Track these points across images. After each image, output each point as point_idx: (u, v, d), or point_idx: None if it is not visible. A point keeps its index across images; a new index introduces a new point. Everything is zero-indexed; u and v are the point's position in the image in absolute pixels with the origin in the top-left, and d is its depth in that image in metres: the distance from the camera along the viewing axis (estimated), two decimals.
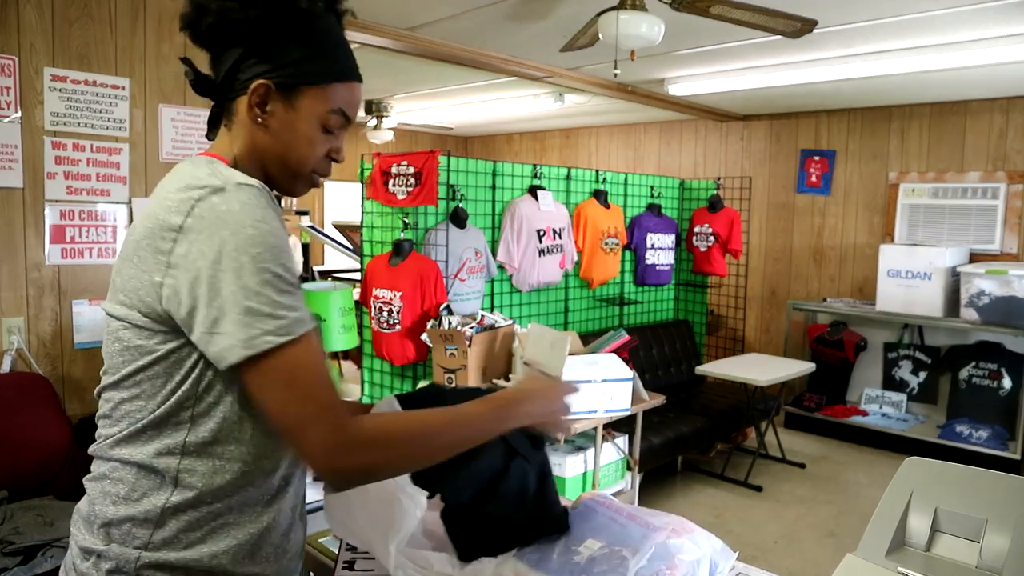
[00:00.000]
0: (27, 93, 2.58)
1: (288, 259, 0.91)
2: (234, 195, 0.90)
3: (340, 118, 1.03)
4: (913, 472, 1.25)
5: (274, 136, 1.01)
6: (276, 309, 0.87)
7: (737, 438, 4.81)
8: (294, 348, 0.88)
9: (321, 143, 1.03)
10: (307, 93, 1.00)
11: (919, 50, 3.76)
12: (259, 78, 0.97)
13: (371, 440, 0.92)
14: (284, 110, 1.00)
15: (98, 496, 0.97)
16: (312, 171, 1.05)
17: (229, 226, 0.87)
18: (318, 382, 0.90)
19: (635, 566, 1.25)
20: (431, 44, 3.81)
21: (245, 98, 0.99)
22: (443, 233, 3.46)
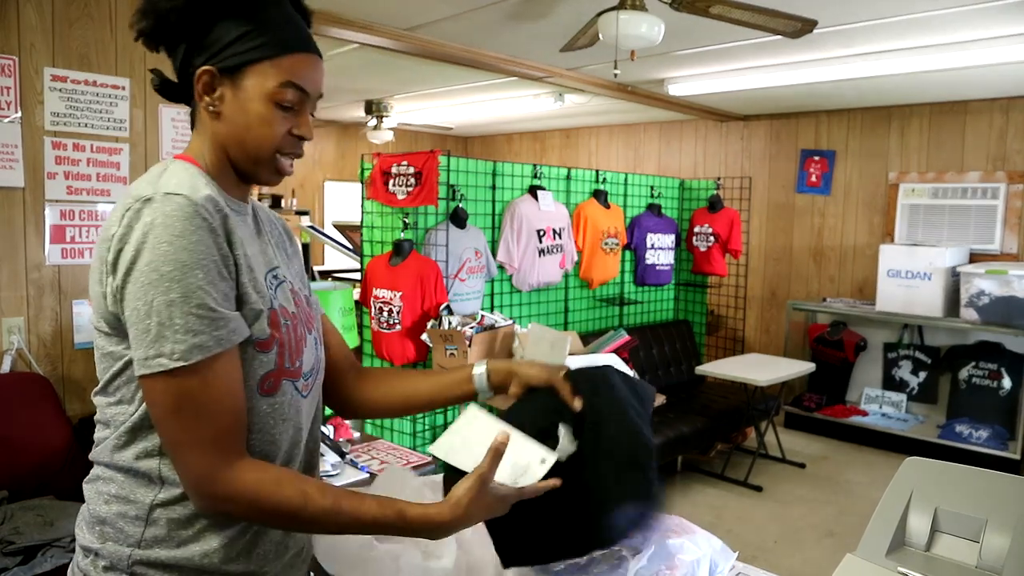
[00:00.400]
0: (27, 93, 2.58)
1: (207, 278, 0.88)
2: (159, 207, 0.87)
3: (294, 91, 0.98)
4: (913, 472, 1.25)
5: (228, 123, 0.98)
6: (175, 332, 0.85)
7: (737, 438, 4.81)
8: (187, 375, 0.86)
9: (279, 121, 0.99)
10: (252, 72, 0.96)
11: (919, 50, 3.76)
12: (202, 66, 0.96)
13: (236, 497, 0.90)
14: (233, 94, 0.97)
15: (93, 496, 0.99)
16: (275, 153, 1.01)
17: (149, 240, 0.86)
18: (206, 414, 0.88)
19: (635, 566, 1.25)
20: (431, 44, 3.81)
21: (196, 89, 0.98)
22: (443, 233, 3.46)
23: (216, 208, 0.91)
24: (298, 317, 1.05)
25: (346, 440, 2.35)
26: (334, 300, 2.86)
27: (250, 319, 0.94)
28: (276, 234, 1.15)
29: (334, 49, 4.14)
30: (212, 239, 0.89)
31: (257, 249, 1.03)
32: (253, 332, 0.95)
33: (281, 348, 0.98)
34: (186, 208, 0.87)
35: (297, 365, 1.02)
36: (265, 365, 0.96)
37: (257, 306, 0.96)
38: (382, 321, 3.42)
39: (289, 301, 1.04)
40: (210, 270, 0.88)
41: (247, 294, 0.95)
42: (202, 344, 0.87)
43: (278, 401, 0.99)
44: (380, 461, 2.20)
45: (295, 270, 1.15)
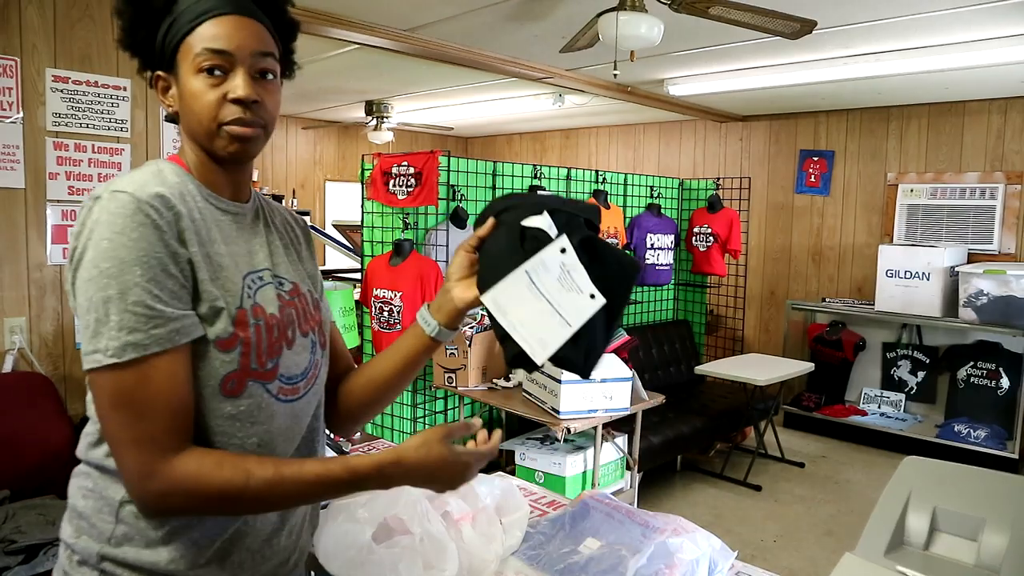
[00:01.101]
0: (29, 94, 2.58)
1: (147, 275, 0.87)
2: (105, 204, 0.88)
3: (211, 55, 0.95)
4: (912, 471, 1.26)
5: (181, 114, 1.00)
6: (111, 329, 0.85)
7: (736, 438, 4.82)
8: (122, 372, 0.86)
9: (208, 90, 0.95)
10: (179, 56, 0.97)
11: (918, 51, 3.77)
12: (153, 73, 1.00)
13: (174, 491, 0.87)
14: (177, 86, 0.99)
15: (74, 491, 0.99)
16: (218, 124, 0.96)
17: (93, 236, 0.87)
18: (141, 413, 0.87)
19: (635, 565, 1.26)
20: (431, 45, 3.81)
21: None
22: (443, 233, 3.47)
23: (166, 205, 0.90)
24: (280, 319, 1.01)
25: (346, 440, 2.36)
26: (334, 300, 2.86)
27: (208, 317, 0.92)
28: (289, 235, 1.15)
29: (334, 50, 4.15)
30: (156, 236, 0.88)
31: (242, 248, 1.02)
32: (212, 331, 0.92)
33: (246, 348, 0.95)
34: (128, 205, 0.87)
35: (269, 366, 0.98)
36: (227, 365, 0.93)
37: (217, 304, 0.93)
38: (382, 321, 3.42)
39: (272, 303, 1.01)
40: (151, 267, 0.87)
41: (206, 292, 0.93)
42: (137, 342, 0.86)
43: (243, 403, 0.96)
44: None
45: (304, 272, 1.13)
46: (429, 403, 3.66)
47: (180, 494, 0.87)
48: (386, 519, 1.30)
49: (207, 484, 0.87)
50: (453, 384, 3.33)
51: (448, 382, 3.35)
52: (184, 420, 0.90)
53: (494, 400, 3.23)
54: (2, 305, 2.58)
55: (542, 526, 1.50)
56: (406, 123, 6.84)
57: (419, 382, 3.61)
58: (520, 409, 3.08)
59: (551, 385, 2.97)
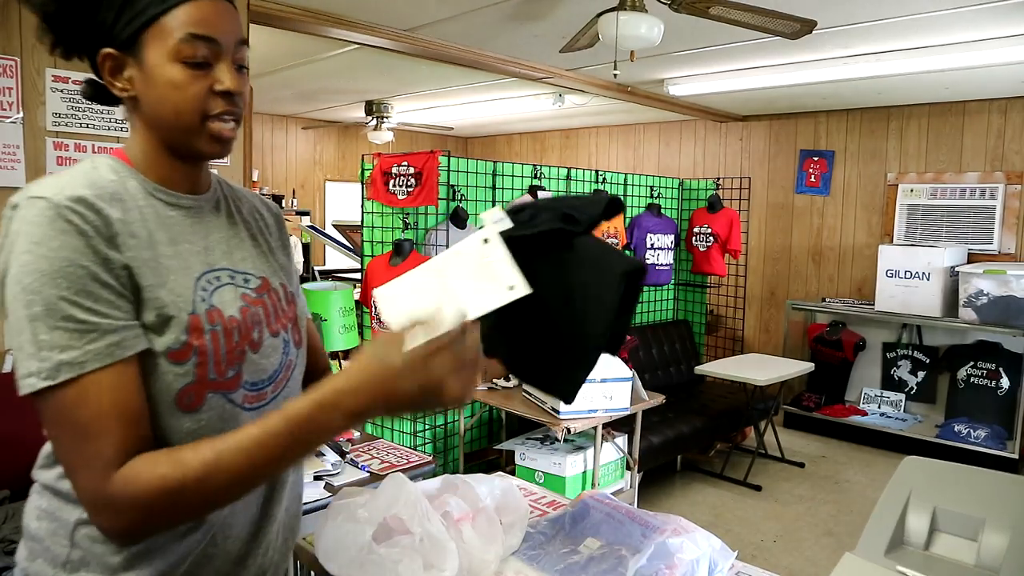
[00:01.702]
0: (29, 94, 2.58)
1: (74, 287, 0.78)
2: (23, 212, 0.80)
3: (197, 44, 0.86)
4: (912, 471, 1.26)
5: (145, 104, 0.89)
6: (40, 349, 0.77)
7: (736, 438, 4.82)
8: (60, 394, 0.78)
9: (192, 81, 0.87)
10: (146, 39, 0.86)
11: (918, 51, 3.77)
12: (99, 51, 0.88)
13: (124, 505, 0.79)
14: (138, 70, 0.88)
15: (29, 510, 0.93)
16: (203, 118, 0.89)
17: (14, 250, 0.79)
18: (87, 435, 0.79)
19: (635, 565, 1.26)
20: (431, 45, 3.81)
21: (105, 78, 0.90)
22: (443, 233, 3.47)
23: (90, 208, 0.81)
24: (242, 321, 0.93)
25: (346, 440, 2.36)
26: (334, 300, 2.86)
27: (156, 326, 0.84)
28: (258, 224, 1.06)
29: (334, 49, 4.15)
30: (82, 242, 0.79)
31: (196, 246, 0.93)
32: (162, 341, 0.84)
33: (202, 358, 0.87)
34: (46, 212, 0.79)
35: (230, 375, 0.90)
36: (182, 378, 0.86)
37: (165, 311, 0.85)
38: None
39: (233, 304, 0.93)
40: (79, 277, 0.79)
41: (152, 299, 0.85)
42: (71, 360, 0.78)
43: (204, 418, 0.88)
44: (380, 460, 2.21)
45: (276, 264, 1.05)
46: None
47: (128, 508, 0.79)
48: (386, 519, 1.30)
49: (145, 487, 0.78)
50: None
51: None
52: (136, 434, 0.81)
53: (494, 400, 3.23)
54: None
55: (542, 526, 1.50)
56: (406, 123, 6.84)
57: None
58: (520, 409, 3.08)
59: None
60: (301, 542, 1.48)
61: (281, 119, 7.19)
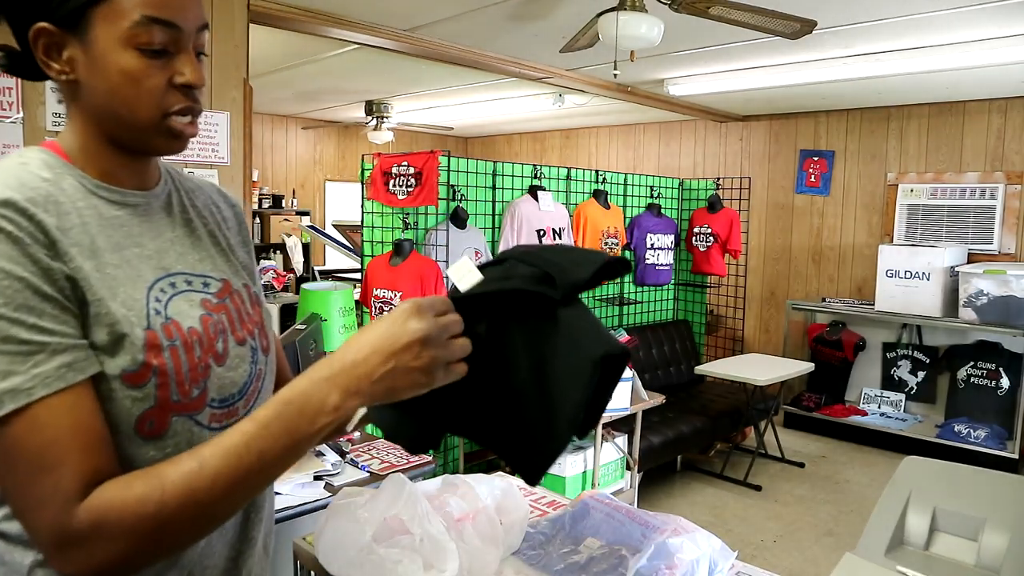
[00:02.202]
0: (29, 94, 2.58)
1: (12, 303, 0.68)
2: None
3: (155, 28, 0.75)
4: (912, 471, 1.26)
5: (89, 91, 0.77)
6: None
7: (736, 438, 4.82)
8: (6, 427, 0.67)
9: (150, 72, 0.76)
10: (96, 16, 0.74)
11: (918, 51, 3.77)
12: (32, 25, 0.75)
13: (94, 537, 0.68)
14: (83, 51, 0.75)
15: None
16: (162, 113, 0.78)
17: None
18: (36, 463, 0.68)
19: (635, 565, 1.26)
20: (431, 45, 3.81)
21: (36, 55, 0.77)
22: (443, 233, 3.47)
23: (22, 213, 0.71)
24: (203, 332, 0.83)
25: (346, 440, 2.36)
26: (334, 300, 2.86)
27: (108, 347, 0.74)
28: (215, 218, 0.95)
29: (335, 50, 4.15)
30: (16, 250, 0.69)
31: (148, 249, 0.83)
32: (116, 363, 0.74)
33: (163, 379, 0.77)
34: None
35: (195, 394, 0.80)
36: (141, 402, 0.75)
37: (117, 328, 0.74)
38: None
39: (191, 312, 0.83)
40: (16, 292, 0.68)
41: (100, 314, 0.74)
42: (16, 387, 0.67)
43: (169, 444, 0.78)
44: (380, 461, 2.20)
45: (236, 263, 0.95)
46: None
47: (102, 542, 0.68)
48: (386, 519, 1.30)
49: (119, 514, 0.68)
50: None
51: None
52: (100, 458, 0.71)
53: None
54: None
55: (542, 526, 1.50)
56: (406, 123, 6.84)
57: None
58: None
59: None
60: (301, 542, 1.48)
61: (281, 119, 7.19)
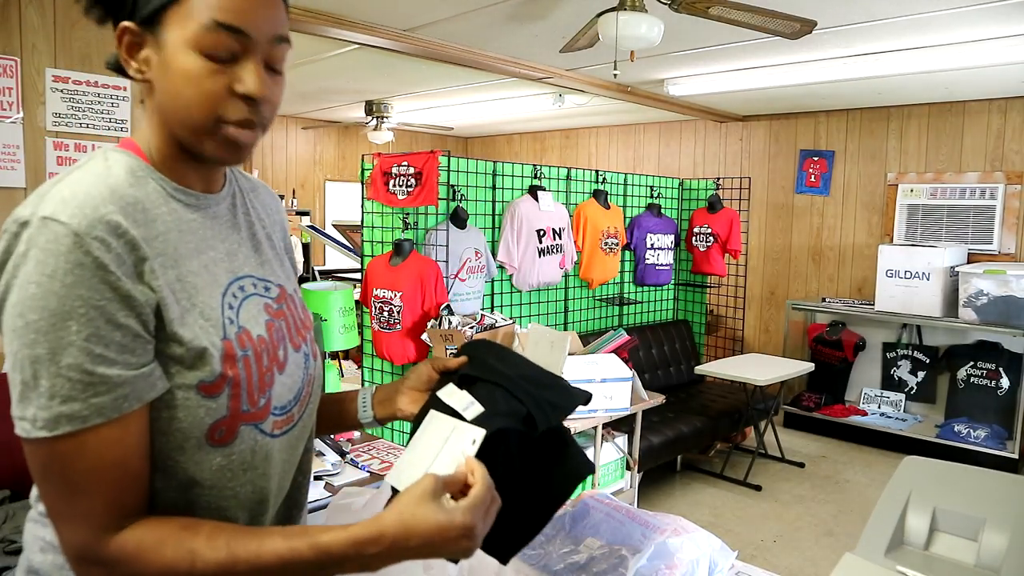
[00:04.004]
0: (29, 94, 2.58)
1: (86, 331, 0.69)
2: (34, 235, 0.69)
3: (223, 35, 0.74)
4: (912, 471, 1.26)
5: (160, 89, 0.77)
6: (39, 396, 0.69)
7: (736, 438, 4.82)
8: (53, 444, 0.70)
9: (209, 77, 0.75)
10: (169, 18, 0.75)
11: (918, 51, 3.77)
12: (119, 24, 0.77)
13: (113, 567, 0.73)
14: (157, 52, 0.76)
15: (29, 540, 0.85)
16: (217, 119, 0.77)
17: (19, 276, 0.69)
18: (79, 490, 0.72)
19: (635, 565, 1.26)
20: (431, 45, 3.81)
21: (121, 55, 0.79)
22: (443, 233, 3.47)
23: (116, 232, 0.71)
24: (269, 340, 0.85)
25: (346, 440, 2.36)
26: (334, 300, 2.86)
27: (186, 359, 0.76)
28: (268, 221, 0.95)
29: (334, 50, 4.15)
30: (99, 278, 0.69)
31: (221, 253, 0.84)
32: (194, 375, 0.76)
33: (236, 389, 0.79)
34: (63, 240, 0.68)
35: (261, 404, 0.82)
36: (215, 412, 0.78)
37: (198, 343, 0.76)
38: (382, 321, 3.42)
39: (259, 319, 0.84)
40: (91, 320, 0.69)
41: (177, 332, 0.75)
42: (73, 414, 0.69)
43: (235, 451, 0.81)
44: (380, 461, 2.21)
45: (288, 268, 0.96)
46: None
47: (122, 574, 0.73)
48: None
49: (144, 568, 0.72)
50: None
51: None
52: (131, 494, 0.75)
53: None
54: None
55: None
56: (406, 123, 6.84)
57: None
58: None
59: None
60: None
61: (281, 119, 7.19)
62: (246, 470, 0.83)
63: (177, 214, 0.79)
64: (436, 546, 0.75)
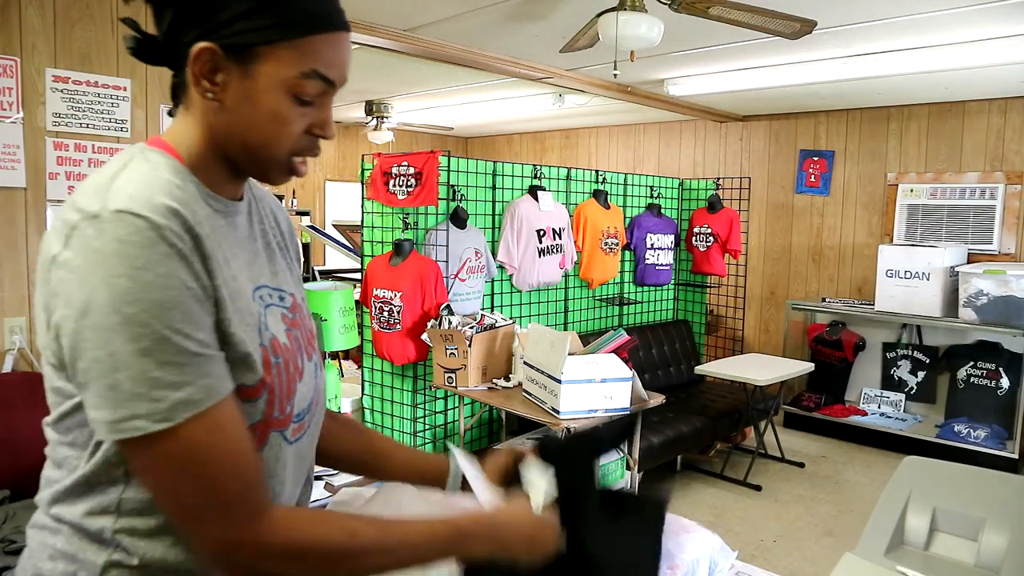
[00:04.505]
0: (29, 94, 2.58)
1: (185, 317, 0.70)
2: (111, 228, 0.68)
3: (317, 82, 0.78)
4: (912, 471, 1.26)
5: (231, 114, 0.78)
6: (152, 388, 0.68)
7: (736, 438, 4.82)
8: (177, 435, 0.70)
9: (296, 118, 0.79)
10: (266, 55, 0.76)
11: (918, 50, 3.77)
12: (201, 40, 0.75)
13: (282, 550, 0.74)
14: (240, 79, 0.76)
15: (36, 548, 0.81)
16: (290, 153, 0.81)
17: (100, 271, 0.67)
18: (217, 470, 0.72)
19: None
20: (431, 45, 3.81)
21: (189, 68, 0.77)
22: (443, 233, 3.47)
23: (185, 227, 0.72)
24: (291, 348, 0.86)
25: None
26: (334, 300, 2.86)
27: (234, 362, 0.77)
28: (275, 232, 0.95)
29: None
30: (185, 268, 0.71)
31: (243, 261, 0.84)
32: (241, 378, 0.77)
33: (271, 395, 0.81)
34: (146, 232, 0.69)
35: (288, 411, 0.84)
36: (251, 416, 0.79)
37: (243, 347, 0.77)
38: (382, 321, 3.42)
39: (280, 328, 0.86)
40: (187, 307, 0.70)
41: (232, 333, 0.76)
42: (189, 398, 0.70)
43: (263, 457, 0.82)
44: None
45: (295, 276, 0.96)
46: (429, 403, 3.66)
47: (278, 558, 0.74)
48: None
49: (312, 545, 0.74)
50: (453, 384, 3.33)
51: (448, 382, 3.35)
52: (256, 471, 0.76)
53: (494, 400, 3.23)
54: (2, 305, 2.58)
55: None
56: (406, 123, 6.84)
57: (419, 382, 3.61)
58: (520, 409, 3.08)
59: (551, 385, 2.97)
60: None
61: None
62: (268, 476, 0.84)
63: (211, 219, 0.80)
64: (537, 539, 0.89)
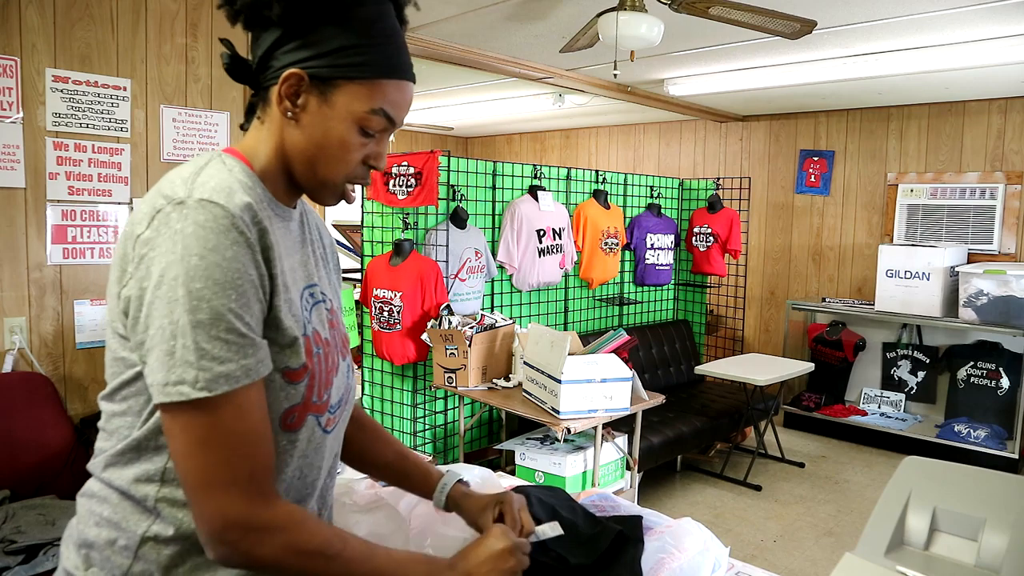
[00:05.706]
0: (29, 94, 2.58)
1: (240, 300, 0.79)
2: (192, 213, 0.79)
3: (382, 120, 0.91)
4: (912, 471, 1.26)
5: (305, 134, 0.89)
6: (201, 358, 0.77)
7: (736, 438, 4.82)
8: (211, 405, 0.78)
9: (357, 147, 0.91)
10: (346, 88, 0.88)
11: (917, 50, 3.77)
12: (293, 66, 0.87)
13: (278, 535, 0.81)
14: (318, 105, 0.88)
15: (84, 515, 0.90)
16: (346, 178, 0.93)
17: (177, 250, 0.77)
18: (237, 448, 0.80)
19: None
20: (432, 45, 3.81)
21: (277, 87, 0.88)
22: (443, 233, 3.47)
23: (254, 220, 0.83)
24: (331, 343, 0.97)
25: None
26: None
27: (283, 346, 0.86)
28: (319, 244, 1.06)
29: None
30: (248, 256, 0.81)
31: (297, 261, 0.95)
32: (286, 361, 0.86)
33: (312, 380, 0.90)
34: (222, 220, 0.79)
35: (324, 398, 0.93)
36: (292, 398, 0.88)
37: (292, 332, 0.87)
38: (382, 321, 3.42)
39: (323, 324, 0.96)
40: (244, 291, 0.80)
41: (281, 319, 0.86)
42: (229, 373, 0.78)
43: (299, 438, 0.91)
44: None
45: (333, 285, 1.07)
46: (429, 403, 3.66)
47: (279, 541, 0.81)
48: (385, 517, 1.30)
49: (309, 537, 0.83)
50: (453, 384, 3.33)
51: (448, 382, 3.35)
52: (273, 457, 0.85)
53: (494, 400, 3.23)
54: (2, 305, 2.58)
55: None
56: (406, 123, 6.84)
57: (419, 382, 3.61)
58: (520, 409, 3.08)
59: (551, 385, 2.97)
60: None
61: None
62: (303, 457, 0.92)
63: (273, 219, 0.90)
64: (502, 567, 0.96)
